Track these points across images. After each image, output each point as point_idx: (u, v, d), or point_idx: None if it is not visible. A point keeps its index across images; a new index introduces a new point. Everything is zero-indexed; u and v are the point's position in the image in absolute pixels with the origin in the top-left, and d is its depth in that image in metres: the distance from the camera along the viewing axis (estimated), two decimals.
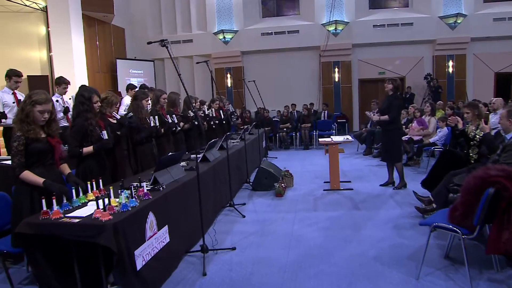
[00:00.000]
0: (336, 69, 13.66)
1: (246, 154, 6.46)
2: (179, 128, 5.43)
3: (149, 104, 4.75)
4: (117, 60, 13.60)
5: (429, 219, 3.01)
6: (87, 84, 11.55)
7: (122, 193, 2.85)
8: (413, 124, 7.99)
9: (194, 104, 6.41)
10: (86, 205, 2.84)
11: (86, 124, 3.41)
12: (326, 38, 13.02)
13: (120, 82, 13.38)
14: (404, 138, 7.31)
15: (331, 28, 13.03)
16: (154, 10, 14.92)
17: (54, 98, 5.80)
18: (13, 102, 4.94)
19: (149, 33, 15.07)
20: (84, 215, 2.56)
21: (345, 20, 13.15)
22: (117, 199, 2.80)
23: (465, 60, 13.17)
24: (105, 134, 3.47)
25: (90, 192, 3.07)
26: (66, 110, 5.84)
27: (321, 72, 13.86)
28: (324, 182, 6.33)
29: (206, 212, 4.21)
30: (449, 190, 3.47)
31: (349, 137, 6.04)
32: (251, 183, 6.34)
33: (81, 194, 2.98)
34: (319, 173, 7.05)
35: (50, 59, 11.05)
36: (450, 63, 13.20)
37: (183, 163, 4.54)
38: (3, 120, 4.55)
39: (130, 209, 2.65)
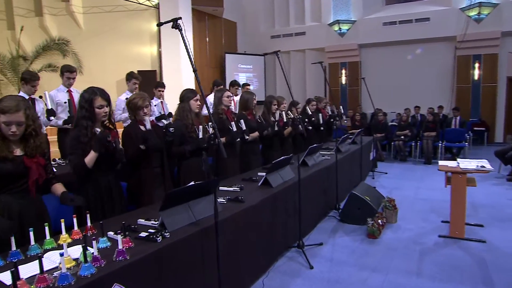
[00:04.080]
0: (477, 64, 10.90)
1: (337, 173, 5.08)
2: (247, 138, 4.36)
3: (199, 105, 3.78)
4: (226, 54, 13.29)
5: None
6: (193, 79, 11.51)
7: (95, 243, 1.92)
8: None
9: (275, 106, 5.27)
10: (43, 257, 1.98)
11: (80, 134, 2.59)
12: (465, 26, 10.44)
13: (228, 77, 13.04)
14: None
15: (473, 13, 10.38)
16: (267, 2, 14.26)
17: (123, 96, 5.36)
18: (65, 102, 4.51)
19: (261, 26, 14.54)
20: (8, 283, 1.69)
21: (493, 1, 10.34)
22: (83, 253, 1.86)
23: None
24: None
25: (64, 233, 2.23)
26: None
27: (456, 68, 11.29)
28: (442, 222, 4.56)
29: (248, 266, 3.07)
30: None
31: (486, 164, 4.13)
32: (340, 210, 4.96)
33: (47, 235, 2.15)
34: (437, 205, 5.24)
35: (159, 54, 11.20)
36: None
37: (234, 188, 3.47)
38: (52, 118, 4.12)
39: (72, 283, 1.68)
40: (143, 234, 2.28)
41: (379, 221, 4.29)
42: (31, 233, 2.05)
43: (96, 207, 2.68)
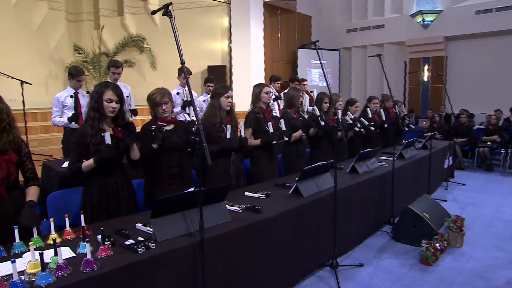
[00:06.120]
0: None
1: (393, 182, 4.45)
2: (287, 139, 3.98)
3: (230, 102, 3.49)
4: (299, 49, 12.90)
5: None
6: (263, 75, 11.38)
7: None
8: None
9: (327, 104, 4.78)
10: (21, 256, 1.92)
11: (85, 130, 2.49)
12: None
13: (300, 73, 12.66)
14: None
15: None
16: None
17: (175, 91, 5.33)
18: None
19: (338, 20, 13.86)
20: None
21: None
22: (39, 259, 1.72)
23: None
24: (107, 138, 2.43)
25: (54, 232, 2.14)
26: (185, 103, 5.21)
27: None
28: None
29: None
30: None
31: None
32: (394, 225, 4.34)
33: (35, 233, 2.07)
34: None
35: (230, 49, 11.23)
36: None
37: (259, 194, 3.15)
38: None
39: None
40: (129, 241, 2.10)
41: (437, 244, 3.62)
42: (16, 231, 1.98)
43: (100, 206, 2.57)
